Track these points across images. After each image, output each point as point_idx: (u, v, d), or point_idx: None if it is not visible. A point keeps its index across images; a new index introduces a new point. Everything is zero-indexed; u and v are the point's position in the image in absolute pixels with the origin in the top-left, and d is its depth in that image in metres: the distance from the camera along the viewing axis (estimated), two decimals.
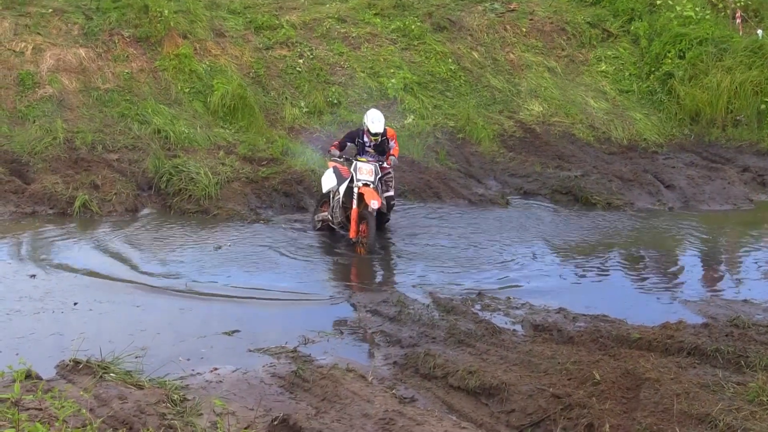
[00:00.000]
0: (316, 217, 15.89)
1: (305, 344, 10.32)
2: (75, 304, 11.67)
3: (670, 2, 24.52)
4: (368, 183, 14.70)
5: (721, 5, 24.84)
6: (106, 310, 11.64)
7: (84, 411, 6.63)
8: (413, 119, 20.89)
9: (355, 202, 14.57)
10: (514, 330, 10.79)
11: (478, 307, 11.74)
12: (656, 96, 23.15)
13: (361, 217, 14.47)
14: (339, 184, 15.15)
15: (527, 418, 8.33)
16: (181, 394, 8.31)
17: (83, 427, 6.41)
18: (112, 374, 8.59)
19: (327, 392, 8.66)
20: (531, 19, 24.87)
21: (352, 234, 14.58)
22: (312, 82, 21.78)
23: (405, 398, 8.79)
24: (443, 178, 18.66)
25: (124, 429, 6.91)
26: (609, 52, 24.30)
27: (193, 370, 9.49)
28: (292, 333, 10.69)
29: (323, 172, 16.18)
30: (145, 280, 12.88)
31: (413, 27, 23.77)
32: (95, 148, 18.24)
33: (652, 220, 16.99)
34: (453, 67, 22.91)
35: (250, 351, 10.12)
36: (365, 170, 14.83)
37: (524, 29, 24.51)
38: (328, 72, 22.21)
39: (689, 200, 18.14)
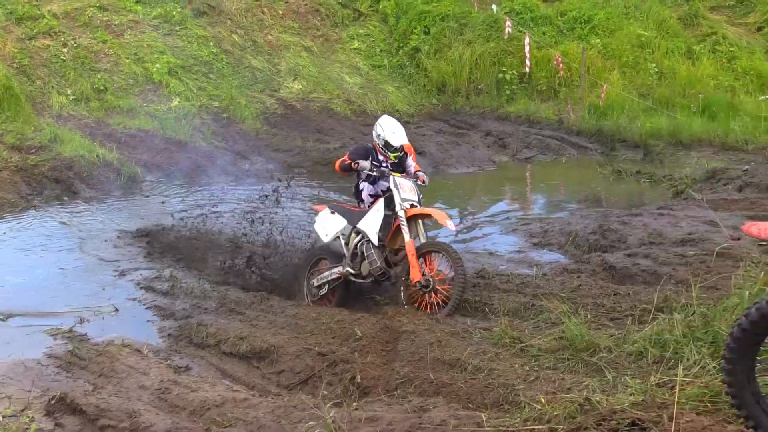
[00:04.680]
0: (313, 281, 11.17)
1: (81, 324, 10.06)
2: None
3: None
4: (415, 204, 10.69)
5: None
6: None
7: None
8: (179, 102, 20.59)
9: (405, 231, 10.40)
10: (281, 296, 10.84)
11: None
12: (406, 69, 23.66)
13: (422, 250, 10.35)
14: (353, 221, 11.05)
15: (296, 376, 8.39)
16: None
17: None
18: None
19: (104, 368, 8.49)
20: (287, 2, 24.86)
21: (416, 276, 10.07)
22: (77, 70, 21.07)
23: (180, 367, 8.71)
24: (210, 157, 18.46)
25: None
26: (361, 31, 24.60)
27: None
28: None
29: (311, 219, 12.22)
30: None
31: (174, 13, 23.37)
32: None
33: None
34: (215, 50, 22.66)
35: (26, 335, 9.81)
36: (407, 187, 10.76)
37: (281, 12, 24.49)
38: (93, 60, 21.55)
39: (439, 165, 18.61)
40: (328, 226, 11.18)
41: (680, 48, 23.77)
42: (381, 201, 10.78)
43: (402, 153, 11.15)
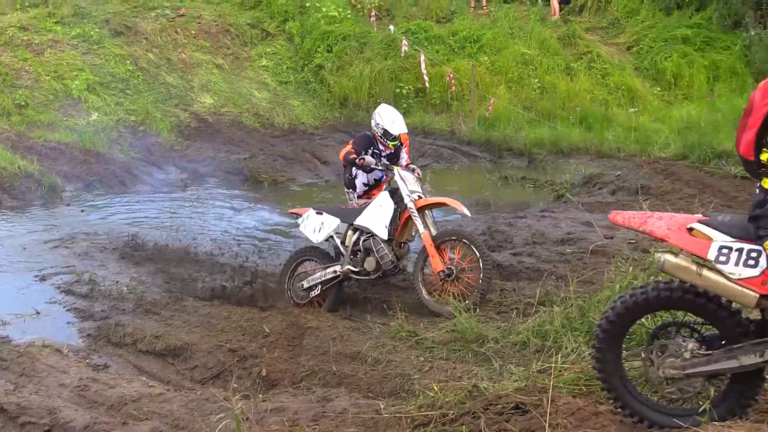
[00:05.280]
0: (302, 283, 10.29)
1: (2, 326, 9.77)
2: None
3: (317, 4, 25.10)
4: (421, 195, 9.98)
5: (359, 6, 25.64)
6: None
7: None
8: (97, 116, 20.19)
9: (419, 223, 9.71)
10: (194, 297, 10.65)
11: (161, 278, 11.54)
12: (310, 85, 23.62)
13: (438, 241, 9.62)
14: (348, 219, 10.25)
15: (208, 371, 8.36)
16: None
17: None
18: None
19: (25, 368, 8.27)
20: (199, 23, 24.62)
21: (438, 266, 9.47)
22: None
23: (99, 366, 8.56)
24: (127, 168, 18.15)
25: None
26: (268, 49, 24.48)
27: None
28: None
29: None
30: None
31: (92, 33, 22.93)
32: None
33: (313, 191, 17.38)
34: (131, 68, 22.30)
35: None
36: (411, 179, 10.02)
37: (193, 32, 24.24)
38: (14, 77, 21.00)
39: (341, 172, 18.52)
40: (319, 226, 10.35)
41: (560, 65, 24.20)
42: (384, 195, 10.06)
43: (399, 143, 10.58)
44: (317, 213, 10.41)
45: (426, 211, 9.88)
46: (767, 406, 5.38)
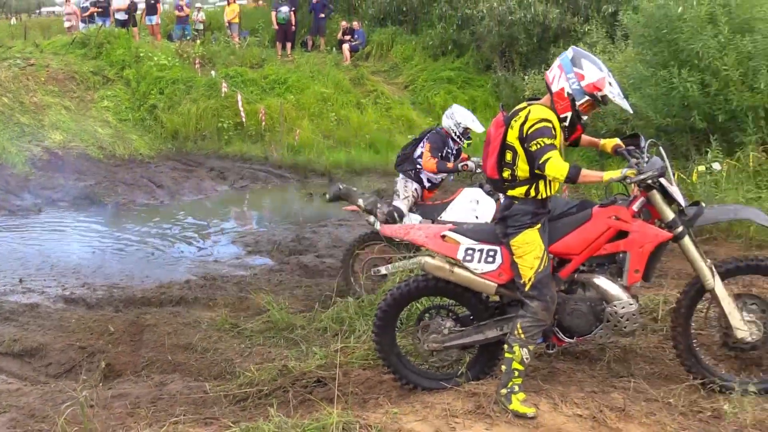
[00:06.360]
0: (378, 269, 6.24)
1: None
2: None
3: (150, 54, 24.81)
4: None
5: (185, 55, 25.45)
6: None
7: None
8: None
9: None
10: (48, 305, 10.44)
11: (20, 289, 11.21)
12: (146, 122, 23.25)
13: None
14: (429, 215, 9.07)
15: (61, 367, 8.29)
16: None
17: None
18: None
19: None
20: (48, 71, 23.75)
21: None
22: None
23: None
24: None
25: None
26: (109, 93, 23.92)
27: None
28: None
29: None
30: None
31: None
32: None
33: (153, 211, 17.18)
34: None
35: None
36: None
37: (43, 78, 23.37)
38: None
39: (174, 194, 18.45)
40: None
41: (352, 101, 24.81)
42: (476, 191, 8.94)
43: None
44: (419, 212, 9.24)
45: None
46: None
